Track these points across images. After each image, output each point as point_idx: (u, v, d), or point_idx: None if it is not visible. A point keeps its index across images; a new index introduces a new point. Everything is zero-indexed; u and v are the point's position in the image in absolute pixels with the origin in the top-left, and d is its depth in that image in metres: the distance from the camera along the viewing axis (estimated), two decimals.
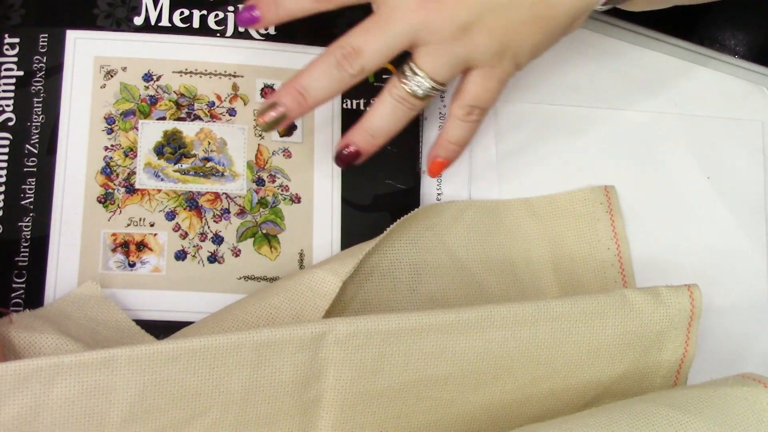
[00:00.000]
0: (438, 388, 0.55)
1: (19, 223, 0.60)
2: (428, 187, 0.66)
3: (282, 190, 0.64)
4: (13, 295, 0.59)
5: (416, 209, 0.63)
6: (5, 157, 0.61)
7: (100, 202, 0.62)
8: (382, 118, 0.58)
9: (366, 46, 0.55)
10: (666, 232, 0.67)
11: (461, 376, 0.55)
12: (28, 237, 0.60)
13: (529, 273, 0.65)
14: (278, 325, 0.55)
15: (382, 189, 0.65)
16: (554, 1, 0.55)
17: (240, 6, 0.59)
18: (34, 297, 0.59)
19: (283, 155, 0.64)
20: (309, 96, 0.56)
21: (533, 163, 0.68)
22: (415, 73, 0.56)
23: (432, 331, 0.54)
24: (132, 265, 0.61)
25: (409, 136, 0.66)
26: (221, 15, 0.66)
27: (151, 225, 0.62)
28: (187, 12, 0.66)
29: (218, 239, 0.62)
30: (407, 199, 0.65)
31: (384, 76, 0.66)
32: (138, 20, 0.65)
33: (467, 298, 0.63)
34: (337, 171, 0.65)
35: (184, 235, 0.62)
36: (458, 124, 0.59)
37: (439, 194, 0.66)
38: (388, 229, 0.61)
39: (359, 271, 0.61)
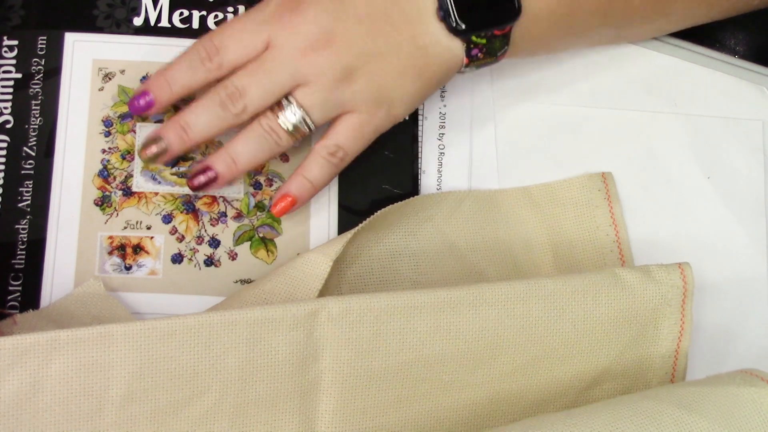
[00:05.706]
0: (436, 368, 0.56)
1: (16, 226, 0.61)
2: (426, 190, 0.66)
3: None
4: (9, 297, 0.59)
5: (414, 197, 0.63)
6: (3, 160, 0.61)
7: (97, 204, 0.62)
8: (246, 145, 0.58)
9: (250, 87, 0.57)
10: (666, 231, 0.67)
11: (458, 356, 0.56)
12: (25, 240, 0.60)
13: (528, 261, 0.65)
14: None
15: (379, 194, 0.65)
16: (431, 51, 0.58)
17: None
18: (31, 300, 0.59)
19: (281, 159, 0.64)
20: (191, 132, 0.58)
21: (533, 163, 0.68)
22: (290, 103, 0.57)
23: (425, 309, 0.55)
24: (128, 268, 0.61)
25: (406, 139, 0.66)
26: (221, 16, 0.66)
27: (148, 228, 0.62)
28: (186, 12, 0.66)
29: (215, 243, 0.62)
30: None
31: None
32: (137, 21, 0.65)
33: None
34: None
35: (181, 239, 0.62)
36: (320, 162, 0.59)
37: None
38: (379, 212, 0.61)
39: (359, 264, 0.62)
